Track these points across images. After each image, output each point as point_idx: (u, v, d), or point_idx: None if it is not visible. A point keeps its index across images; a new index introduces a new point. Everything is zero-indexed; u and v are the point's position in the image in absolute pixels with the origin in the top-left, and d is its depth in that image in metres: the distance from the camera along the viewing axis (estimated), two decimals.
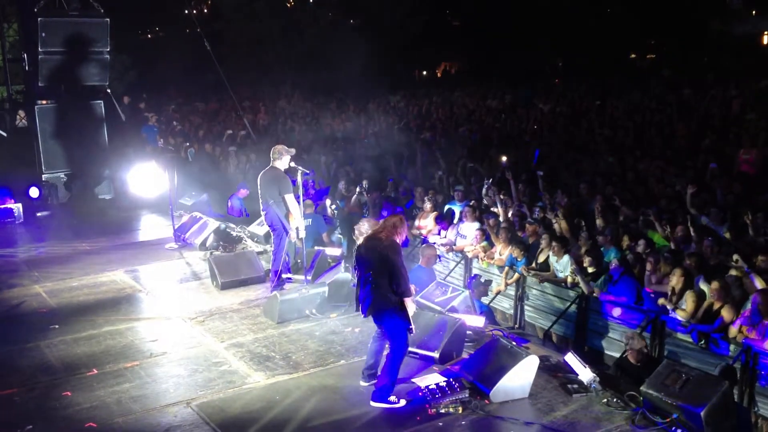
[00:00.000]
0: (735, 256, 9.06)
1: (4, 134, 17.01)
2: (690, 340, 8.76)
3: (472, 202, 13.40)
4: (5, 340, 8.86)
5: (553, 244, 10.95)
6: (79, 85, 16.38)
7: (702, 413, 6.25)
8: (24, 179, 15.90)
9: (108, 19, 16.04)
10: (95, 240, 13.74)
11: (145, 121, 21.34)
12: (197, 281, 11.18)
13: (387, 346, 7.23)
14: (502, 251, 11.72)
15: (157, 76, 32.14)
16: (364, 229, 8.37)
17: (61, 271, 11.73)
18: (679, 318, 8.99)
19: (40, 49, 15.29)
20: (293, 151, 10.26)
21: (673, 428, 6.41)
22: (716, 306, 8.77)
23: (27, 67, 16.39)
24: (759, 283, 8.62)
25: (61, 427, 6.87)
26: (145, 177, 14.44)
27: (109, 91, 17.33)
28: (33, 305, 10.25)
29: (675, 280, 9.25)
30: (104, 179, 16.86)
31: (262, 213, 10.38)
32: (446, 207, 13.82)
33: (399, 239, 7.12)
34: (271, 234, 10.49)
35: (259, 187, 10.24)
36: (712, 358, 8.48)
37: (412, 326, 7.07)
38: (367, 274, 7.04)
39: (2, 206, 15.20)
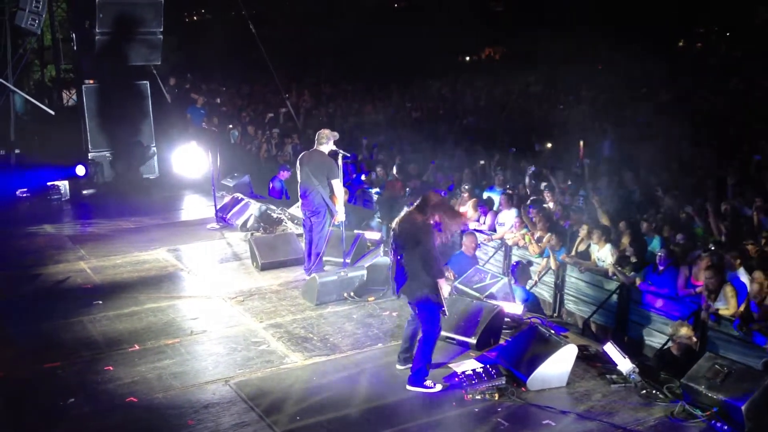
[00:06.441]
0: None
1: (52, 112, 17.26)
2: (733, 332, 8.61)
3: (509, 189, 13.30)
4: (50, 314, 9.04)
5: (595, 233, 10.81)
6: (129, 65, 16.48)
7: (743, 407, 6.17)
8: (71, 158, 16.15)
9: (162, 0, 16.08)
10: (139, 218, 13.92)
11: (193, 102, 21.48)
12: (237, 261, 11.28)
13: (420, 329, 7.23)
14: (542, 239, 11.63)
15: (202, 58, 32.30)
16: None
17: (106, 249, 11.92)
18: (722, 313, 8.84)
19: (96, 30, 15.37)
20: (337, 134, 10.19)
21: (713, 422, 6.32)
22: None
23: (75, 47, 16.60)
24: None
25: (102, 400, 7.00)
26: (189, 157, 14.57)
27: (155, 71, 17.47)
28: (78, 281, 10.43)
29: (709, 275, 9.09)
30: (149, 159, 17.06)
31: (307, 195, 9.91)
32: (485, 194, 13.73)
33: (433, 221, 6.90)
34: (313, 218, 10.09)
35: (300, 170, 9.96)
36: (755, 351, 8.33)
37: (445, 308, 7.02)
38: (399, 256, 6.99)
39: (49, 183, 15.49)
